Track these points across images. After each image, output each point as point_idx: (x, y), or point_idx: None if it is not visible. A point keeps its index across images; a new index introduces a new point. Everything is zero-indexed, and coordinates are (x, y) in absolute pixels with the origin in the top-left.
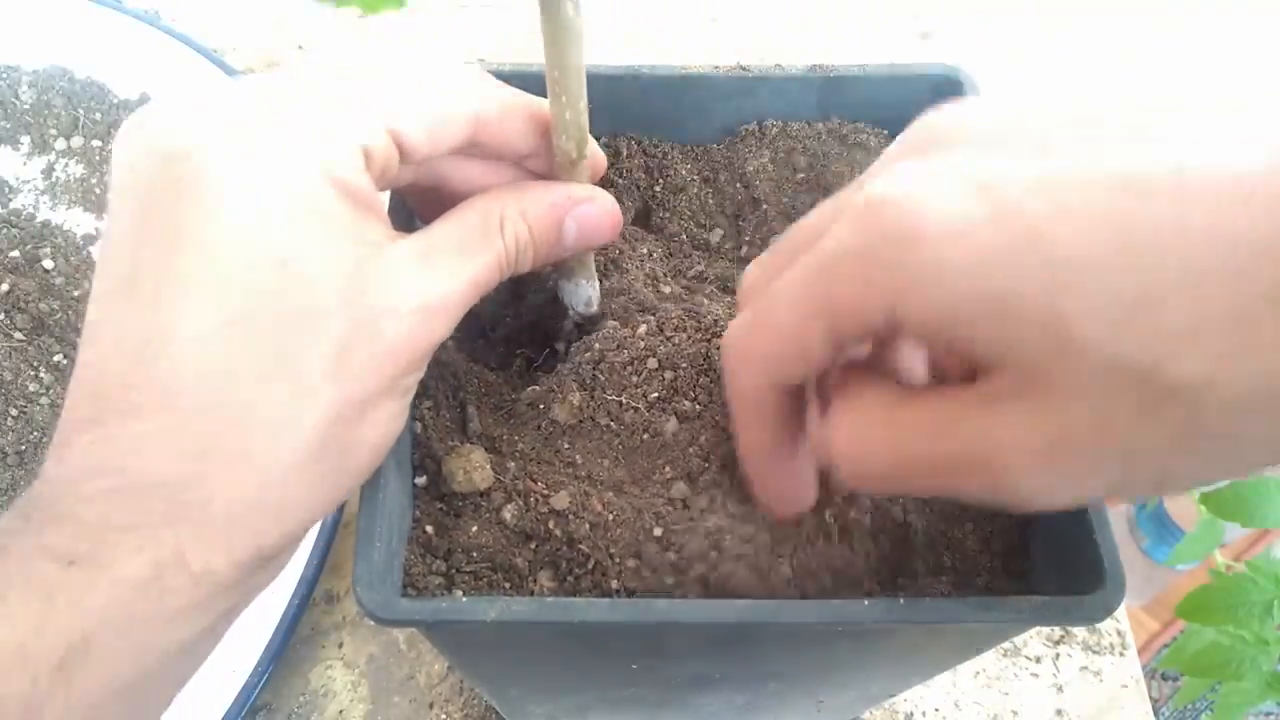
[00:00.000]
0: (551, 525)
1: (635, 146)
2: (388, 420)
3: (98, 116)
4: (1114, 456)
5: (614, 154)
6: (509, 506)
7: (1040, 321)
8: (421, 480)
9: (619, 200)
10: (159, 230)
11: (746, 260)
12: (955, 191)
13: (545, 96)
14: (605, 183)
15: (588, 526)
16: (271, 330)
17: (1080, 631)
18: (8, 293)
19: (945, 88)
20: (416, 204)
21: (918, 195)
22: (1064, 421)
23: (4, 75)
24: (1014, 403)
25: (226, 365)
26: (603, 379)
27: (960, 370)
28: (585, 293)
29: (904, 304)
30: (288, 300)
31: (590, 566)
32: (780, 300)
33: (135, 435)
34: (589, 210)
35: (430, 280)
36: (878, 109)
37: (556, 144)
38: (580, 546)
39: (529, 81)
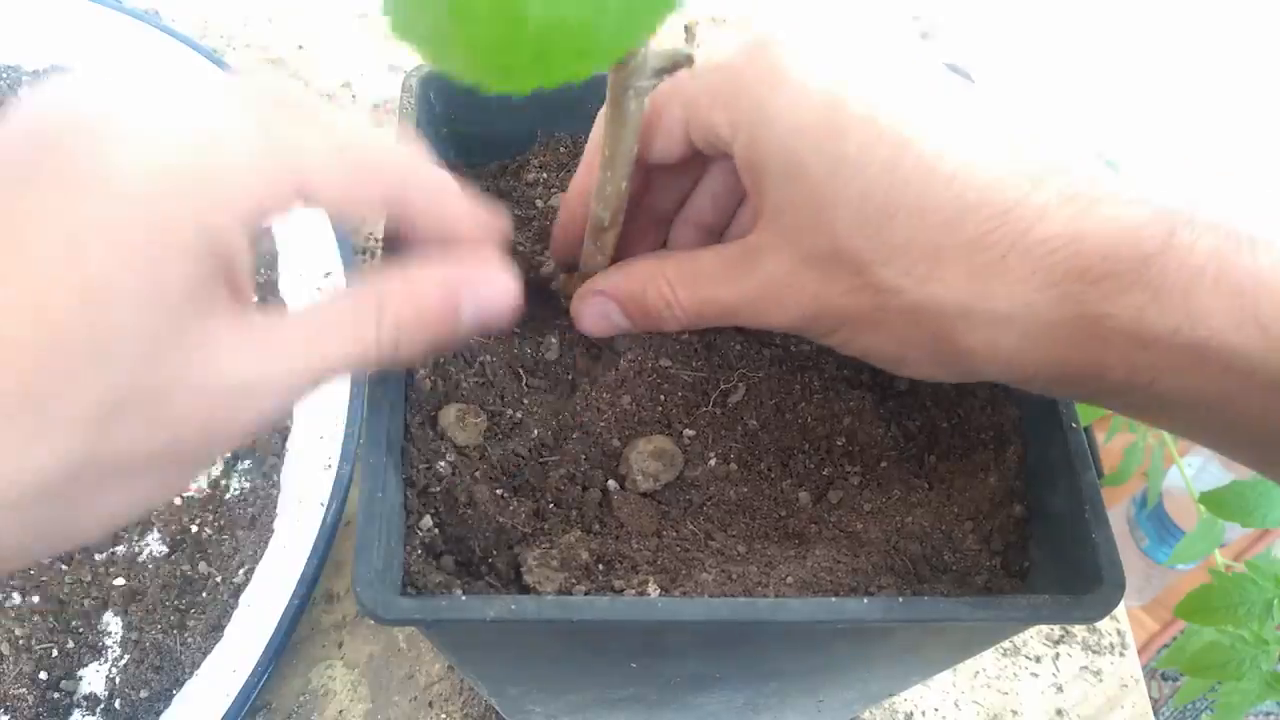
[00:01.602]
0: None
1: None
2: (144, 494)
3: None
4: (822, 310)
5: None
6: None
7: (814, 198)
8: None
9: None
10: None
11: None
12: (816, 62)
13: None
14: None
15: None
16: (38, 357)
17: (1080, 631)
18: None
19: None
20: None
21: (796, 47)
22: (793, 281)
23: (4, 75)
24: (771, 256)
25: None
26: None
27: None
28: None
29: (746, 131)
30: (76, 331)
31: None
32: (669, 86)
33: None
34: (486, 293)
35: (254, 360)
36: None
37: (593, 209)
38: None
39: None
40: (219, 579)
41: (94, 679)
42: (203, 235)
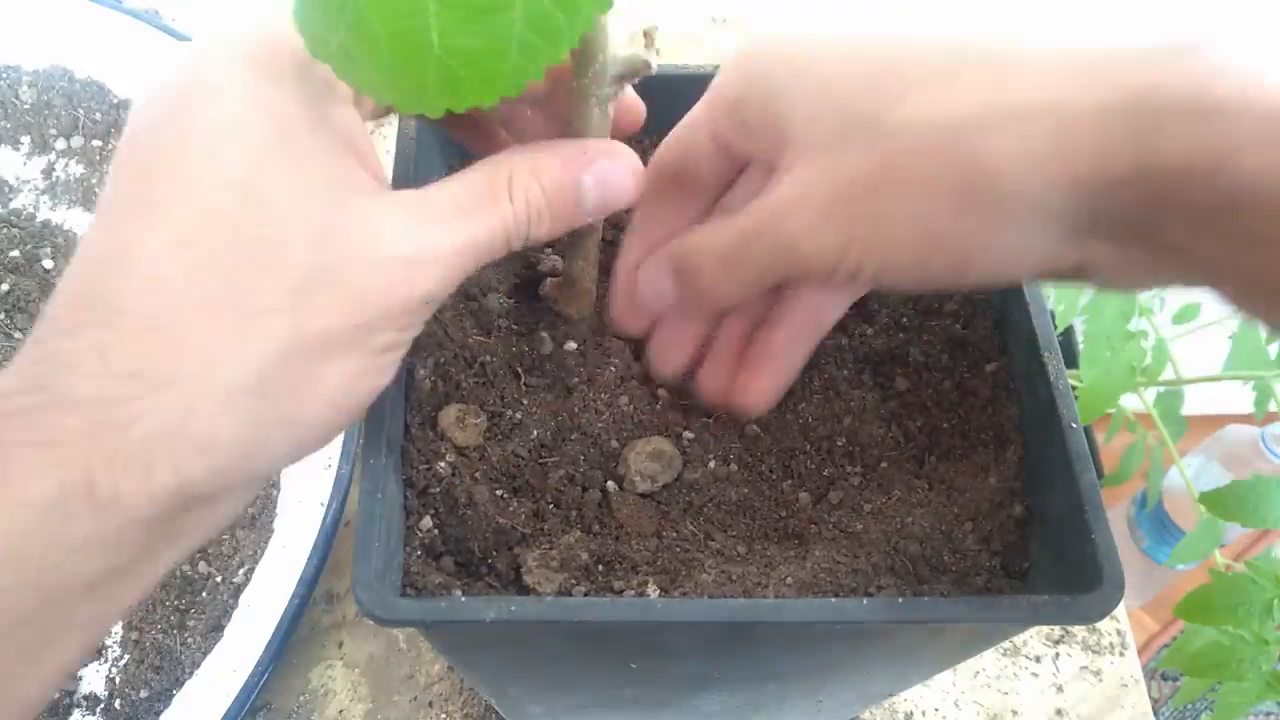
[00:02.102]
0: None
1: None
2: (352, 377)
3: (98, 116)
4: (827, 198)
5: None
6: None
7: (823, 71)
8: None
9: None
10: (139, 156)
11: None
12: (822, 19)
13: None
14: None
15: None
16: (224, 255)
17: (1080, 631)
18: (8, 293)
19: None
20: (470, 144)
21: (784, 29)
22: (817, 181)
23: (4, 75)
24: (789, 175)
25: (171, 287)
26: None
27: None
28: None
29: (757, 81)
30: (245, 227)
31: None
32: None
33: (69, 353)
34: (609, 167)
35: (415, 233)
36: None
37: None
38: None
39: None
40: (219, 579)
41: (94, 679)
42: (323, 121)
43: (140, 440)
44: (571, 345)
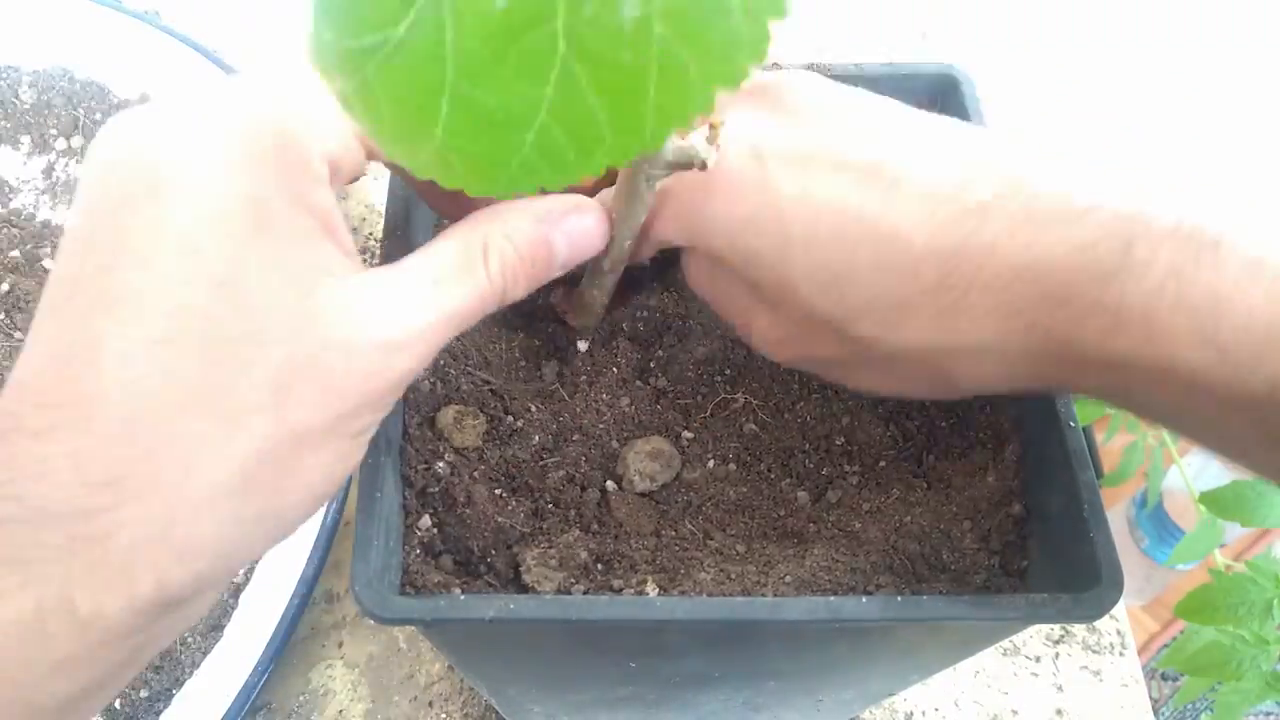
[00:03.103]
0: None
1: None
2: (332, 463)
3: (98, 116)
4: (816, 358)
5: None
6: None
7: (775, 278)
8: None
9: None
10: (106, 241)
11: None
12: (740, 160)
13: None
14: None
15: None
16: (202, 354)
17: (1080, 631)
18: (8, 293)
19: (942, 85)
20: (439, 204)
21: (721, 163)
22: (784, 336)
23: (4, 75)
24: (768, 316)
25: (149, 388)
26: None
27: None
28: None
29: (698, 238)
30: (224, 323)
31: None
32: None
33: (41, 458)
34: (577, 223)
35: (394, 313)
36: None
37: (598, 255)
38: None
39: None
40: None
41: None
42: (297, 202)
43: (121, 552)
44: (574, 348)
